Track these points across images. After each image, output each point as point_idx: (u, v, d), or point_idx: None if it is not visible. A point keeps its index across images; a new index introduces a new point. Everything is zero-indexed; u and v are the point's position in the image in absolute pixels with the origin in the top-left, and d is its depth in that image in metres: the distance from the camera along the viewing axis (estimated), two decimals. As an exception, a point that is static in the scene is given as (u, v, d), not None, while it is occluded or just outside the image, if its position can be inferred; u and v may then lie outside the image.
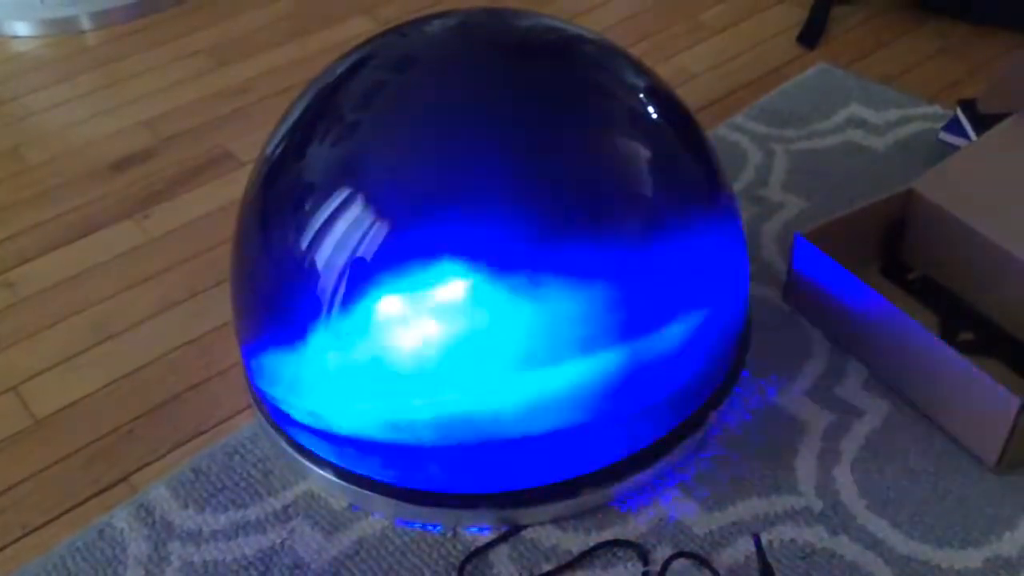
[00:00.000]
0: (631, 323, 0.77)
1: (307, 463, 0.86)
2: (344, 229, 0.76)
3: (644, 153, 0.81)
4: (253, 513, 0.85)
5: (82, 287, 1.11)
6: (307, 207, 0.79)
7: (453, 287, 0.74)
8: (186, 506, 0.85)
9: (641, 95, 0.83)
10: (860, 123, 1.26)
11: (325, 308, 0.77)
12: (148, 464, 0.91)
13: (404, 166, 0.78)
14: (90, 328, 1.05)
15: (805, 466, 0.86)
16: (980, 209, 0.97)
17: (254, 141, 1.31)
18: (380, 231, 0.75)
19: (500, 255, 0.74)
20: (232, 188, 1.24)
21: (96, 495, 0.88)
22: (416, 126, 0.79)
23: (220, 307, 1.06)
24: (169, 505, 0.86)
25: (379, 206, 0.76)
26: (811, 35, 1.45)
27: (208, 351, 1.01)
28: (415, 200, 0.77)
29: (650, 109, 0.82)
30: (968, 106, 1.15)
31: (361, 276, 0.75)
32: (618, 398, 0.78)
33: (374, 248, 0.75)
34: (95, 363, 1.01)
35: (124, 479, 0.89)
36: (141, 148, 1.33)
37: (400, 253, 0.75)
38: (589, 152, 0.79)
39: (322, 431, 0.82)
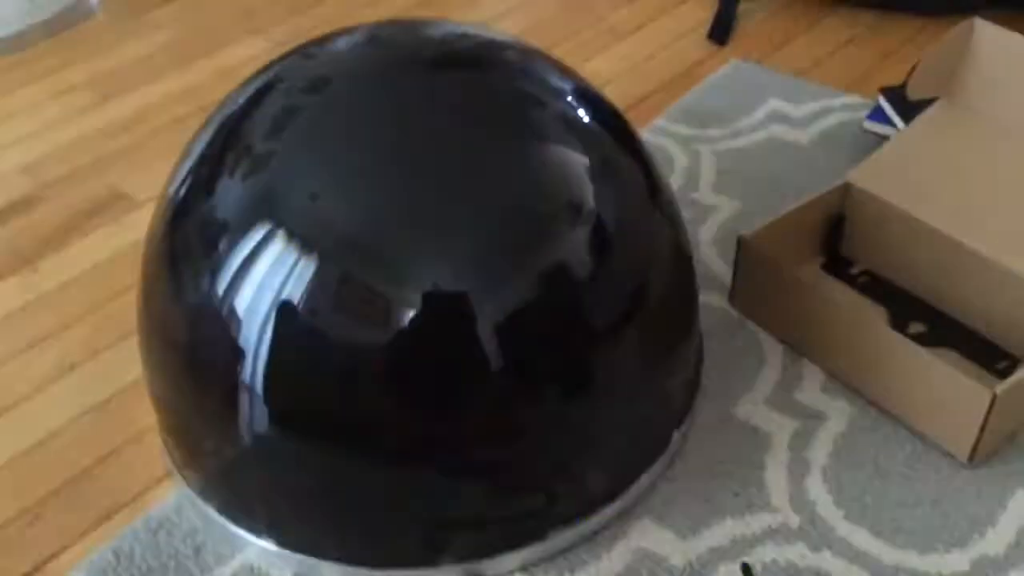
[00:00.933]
0: (594, 342, 0.71)
1: (244, 533, 0.78)
2: (267, 269, 0.69)
3: (586, 165, 0.75)
4: (187, 595, 0.76)
5: (-33, 355, 0.99)
6: (223, 247, 0.71)
7: (394, 322, 0.67)
8: (109, 595, 0.76)
9: (573, 100, 0.78)
10: (781, 118, 1.24)
11: (252, 357, 0.69)
12: (63, 549, 0.81)
13: (333, 197, 0.71)
14: (-20, 401, 0.94)
15: (776, 480, 0.82)
16: (919, 197, 0.95)
17: (149, 178, 1.21)
18: (308, 270, 0.67)
19: (441, 287, 0.68)
20: (130, 231, 1.14)
21: (3, 592, 0.78)
22: (338, 152, 0.72)
23: (126, 365, 0.97)
24: (90, 596, 0.76)
25: (313, 240, 0.68)
26: (721, 31, 1.43)
27: (116, 415, 0.92)
28: (350, 233, 0.70)
29: (585, 115, 0.76)
30: (891, 93, 1.14)
31: (291, 319, 0.68)
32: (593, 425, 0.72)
33: (305, 289, 0.68)
34: (-10, 439, 0.90)
35: (36, 569, 0.79)
36: (20, 196, 1.21)
37: (330, 290, 0.68)
38: (530, 170, 0.73)
39: (260, 497, 0.74)
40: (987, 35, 0.98)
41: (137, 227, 1.14)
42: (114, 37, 1.53)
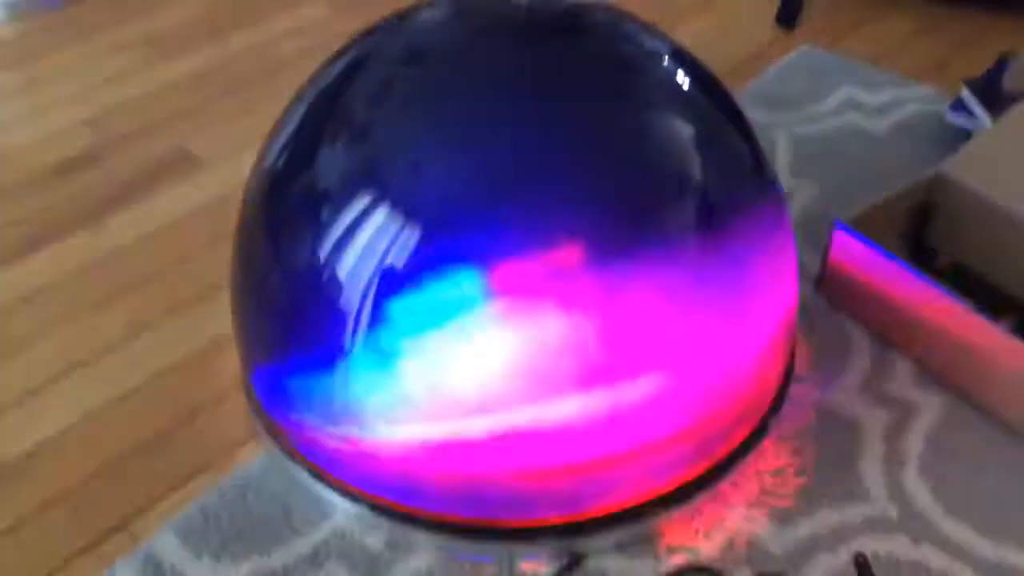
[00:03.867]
0: (703, 330, 0.70)
1: (337, 497, 0.76)
2: (377, 238, 0.68)
3: (698, 146, 0.74)
4: (279, 560, 0.75)
5: (36, 309, 0.98)
6: (329, 216, 0.70)
7: (508, 299, 0.66)
8: (199, 556, 0.75)
9: (682, 73, 0.76)
10: (856, 105, 1.23)
11: (365, 324, 0.68)
12: (146, 510, 0.80)
13: (440, 168, 0.70)
14: (54, 356, 0.93)
15: (871, 470, 0.81)
16: (1013, 191, 0.93)
17: (214, 139, 1.19)
18: (419, 239, 0.66)
19: (559, 263, 0.66)
20: (196, 191, 1.12)
21: (89, 549, 0.77)
22: (446, 124, 0.71)
23: (203, 326, 0.95)
24: (180, 556, 0.75)
25: (414, 212, 0.67)
26: (789, 15, 1.41)
27: (196, 376, 0.91)
28: (455, 206, 0.68)
29: (693, 92, 0.75)
30: (974, 85, 1.13)
31: (403, 287, 0.67)
32: (690, 413, 0.71)
33: (416, 257, 0.66)
34: (65, 396, 0.89)
35: (121, 528, 0.78)
36: (86, 150, 1.19)
37: (443, 262, 0.67)
38: (641, 142, 0.71)
39: (359, 460, 0.73)
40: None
41: (203, 188, 1.12)
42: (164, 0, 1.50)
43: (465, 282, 0.66)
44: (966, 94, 1.13)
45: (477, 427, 0.67)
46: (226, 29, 1.42)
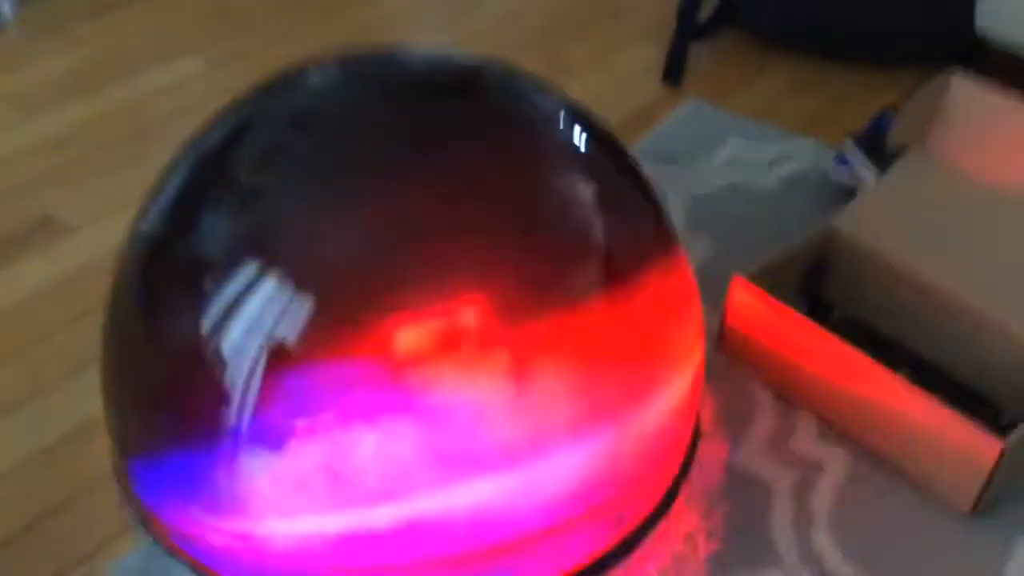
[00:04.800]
0: (614, 400, 0.67)
1: (224, 595, 0.70)
2: (265, 309, 0.63)
3: (598, 203, 0.72)
4: (160, 668, 0.68)
5: None
6: (213, 286, 0.65)
7: (409, 371, 0.62)
8: (69, 670, 0.68)
9: (577, 130, 0.74)
10: (744, 160, 1.24)
11: (252, 403, 0.63)
12: (7, 618, 0.71)
13: (329, 232, 0.66)
14: (-99, 446, 0.84)
15: (783, 534, 0.80)
16: (904, 245, 0.95)
17: (84, 203, 1.12)
18: (312, 304, 0.62)
19: (458, 332, 0.63)
20: (63, 260, 1.05)
21: (-62, 669, 0.68)
22: (335, 187, 0.67)
23: (73, 405, 0.88)
24: (45, 672, 0.67)
25: (305, 280, 0.63)
26: (675, 72, 1.43)
27: (66, 462, 0.83)
28: (349, 269, 0.65)
29: (590, 149, 0.73)
30: (858, 139, 1.15)
31: (294, 362, 0.62)
32: (603, 485, 0.68)
33: (307, 328, 0.62)
34: (-86, 491, 0.80)
35: (-23, 642, 0.70)
36: (-62, 217, 1.10)
37: (337, 333, 0.63)
38: (540, 205, 0.69)
39: (249, 555, 0.67)
40: (963, 88, 1.00)
41: (71, 256, 1.05)
42: (31, 52, 1.42)
43: (362, 354, 0.62)
44: (850, 147, 1.16)
45: (380, 516, 0.62)
46: (97, 84, 1.34)
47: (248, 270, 0.64)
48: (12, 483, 0.81)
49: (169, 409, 0.68)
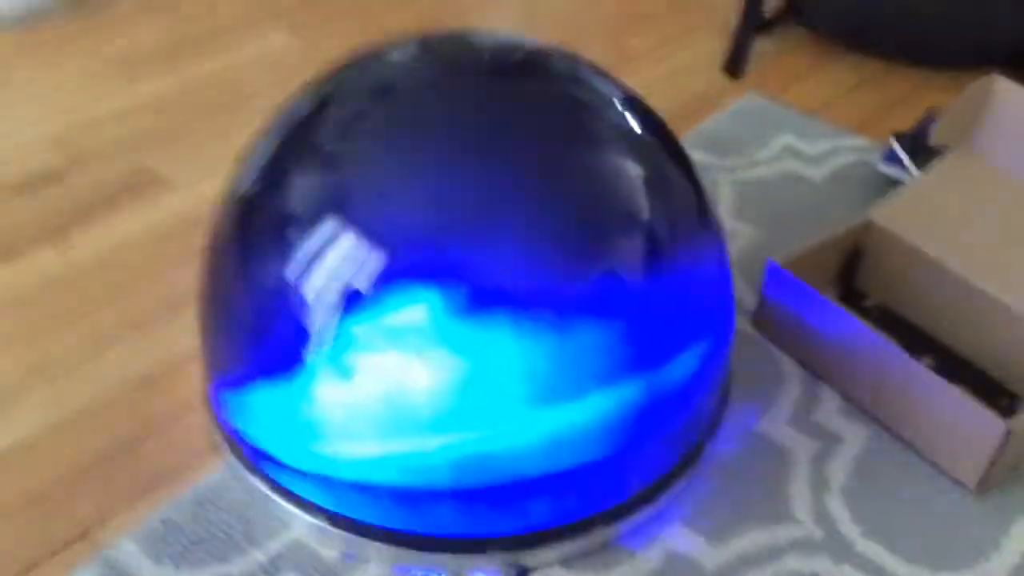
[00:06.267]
0: (645, 355, 0.75)
1: (294, 509, 0.80)
2: (343, 257, 0.72)
3: (646, 177, 0.79)
4: (237, 568, 0.78)
5: (0, 323, 1.00)
6: (296, 239, 0.74)
7: (463, 320, 0.70)
8: (160, 562, 0.78)
9: (631, 116, 0.82)
10: (796, 153, 1.30)
11: (325, 339, 0.72)
12: (108, 518, 0.82)
13: (402, 196, 0.75)
14: (16, 368, 0.95)
15: (799, 494, 0.87)
16: (935, 239, 1.01)
17: (181, 162, 1.23)
18: (384, 259, 0.71)
19: (512, 288, 0.71)
20: (161, 211, 1.16)
21: (49, 557, 0.80)
22: (409, 156, 0.76)
23: (167, 341, 0.98)
24: (140, 562, 0.78)
25: (382, 234, 0.72)
26: (736, 64, 1.49)
27: (159, 390, 0.94)
28: (418, 229, 0.73)
29: (643, 130, 0.81)
30: (903, 138, 1.21)
31: (364, 309, 0.71)
32: (634, 432, 0.76)
33: (377, 279, 0.71)
34: (27, 408, 0.91)
35: (83, 535, 0.81)
36: (50, 167, 1.22)
37: (405, 282, 0.71)
38: (594, 177, 0.77)
39: (316, 474, 0.77)
40: (1006, 91, 1.05)
41: (168, 208, 1.16)
42: (139, 17, 1.54)
43: (422, 304, 0.71)
44: (895, 146, 1.21)
45: (430, 444, 0.71)
46: (194, 53, 1.45)
47: (328, 226, 0.73)
48: (110, 406, 0.91)
49: (255, 344, 0.77)
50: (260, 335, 0.77)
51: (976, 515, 0.86)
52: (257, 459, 0.82)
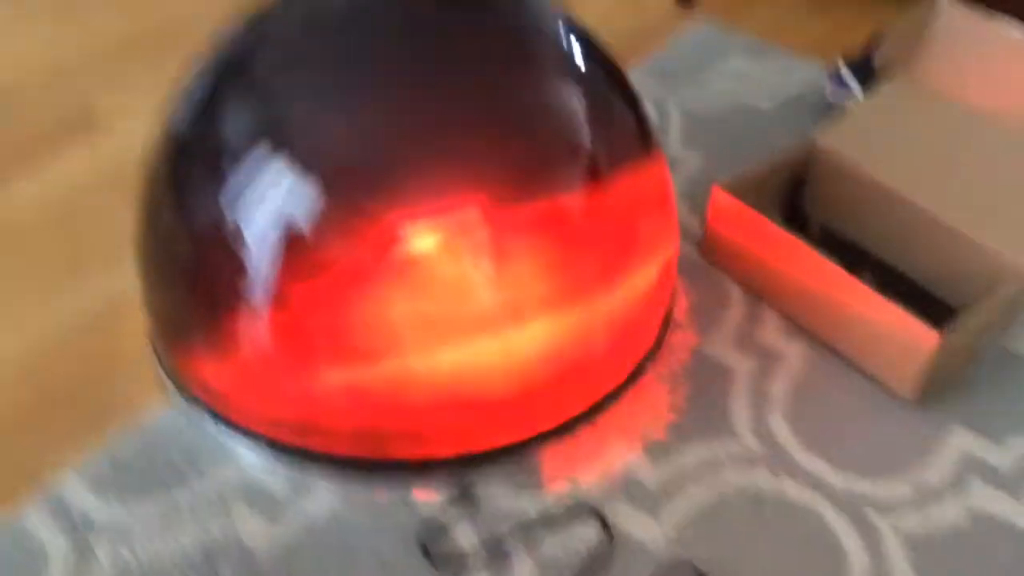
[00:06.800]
0: (588, 278, 0.76)
1: (239, 439, 0.81)
2: (281, 194, 0.71)
3: (586, 109, 0.79)
4: (185, 499, 0.79)
5: (-56, 268, 1.00)
6: (232, 173, 0.74)
7: (405, 247, 0.71)
8: (107, 500, 0.79)
9: (570, 42, 0.81)
10: (745, 79, 1.30)
11: (268, 274, 0.72)
12: (56, 458, 0.83)
13: (337, 127, 0.74)
14: (-38, 313, 0.95)
15: (739, 411, 0.88)
16: (879, 160, 1.02)
17: (119, 101, 1.21)
18: (322, 193, 0.70)
19: (452, 216, 0.72)
20: (102, 152, 1.14)
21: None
22: (344, 86, 0.75)
23: (111, 285, 0.98)
24: (87, 500, 0.79)
25: (319, 168, 0.72)
26: (687, -6, 1.48)
27: (104, 332, 0.94)
28: (358, 161, 0.73)
29: (584, 57, 0.80)
30: (850, 62, 1.21)
31: (305, 239, 0.71)
32: (575, 354, 0.77)
33: (318, 209, 0.71)
34: (-26, 351, 0.91)
35: (32, 477, 0.81)
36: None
37: (343, 214, 0.71)
38: (534, 103, 0.77)
39: (260, 403, 0.77)
40: (950, 13, 1.05)
41: (108, 149, 1.15)
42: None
43: (362, 232, 0.71)
44: (843, 69, 1.21)
45: (376, 372, 0.72)
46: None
47: (263, 158, 0.73)
48: (56, 349, 0.91)
49: (195, 280, 0.77)
50: (200, 271, 0.77)
51: (914, 425, 0.88)
52: (202, 394, 0.82)
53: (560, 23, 0.82)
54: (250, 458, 0.81)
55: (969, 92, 1.04)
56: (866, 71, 1.19)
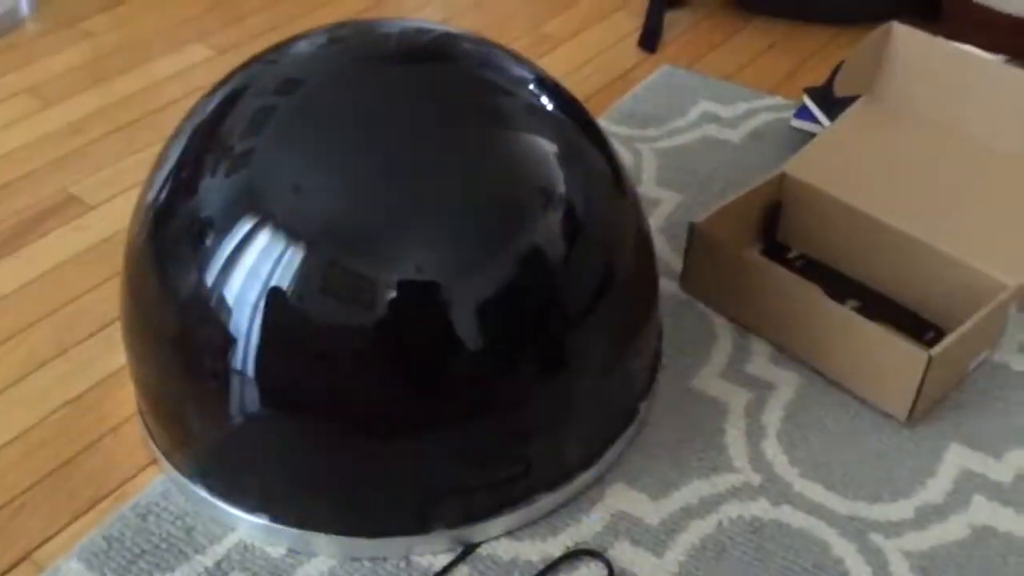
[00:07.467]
0: (567, 326, 0.76)
1: (236, 511, 0.80)
2: (254, 260, 0.72)
3: (555, 151, 0.80)
4: (183, 573, 0.78)
5: (-70, 356, 0.99)
6: (213, 243, 0.74)
7: (378, 306, 0.70)
8: (104, 577, 0.78)
9: (537, 89, 0.82)
10: (713, 118, 1.32)
11: (254, 344, 0.72)
12: (50, 538, 0.82)
13: (313, 190, 0.74)
14: (-52, 399, 0.94)
15: (735, 443, 0.88)
16: (848, 185, 1.03)
17: (99, 182, 1.22)
18: (295, 258, 0.71)
19: (421, 271, 0.72)
20: (84, 233, 1.15)
21: (-7, 582, 0.79)
22: (315, 147, 0.76)
23: (97, 360, 0.98)
24: (84, 579, 0.77)
25: (297, 230, 0.72)
26: (650, 39, 1.50)
27: (93, 408, 0.93)
28: (327, 223, 0.73)
29: (550, 104, 0.81)
30: (814, 93, 1.23)
31: (278, 304, 0.71)
32: (565, 403, 0.77)
33: (292, 276, 0.71)
34: (-38, 437, 0.90)
35: (25, 558, 0.80)
36: (-31, 200, 1.20)
37: (316, 276, 0.71)
38: (502, 157, 0.77)
39: (251, 474, 0.77)
40: (904, 37, 1.07)
41: (91, 230, 1.15)
42: (49, 45, 1.52)
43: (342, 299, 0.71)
44: (807, 101, 1.23)
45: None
46: (111, 73, 1.44)
47: (243, 227, 0.73)
48: (46, 428, 0.90)
49: (180, 351, 0.77)
50: (183, 342, 0.77)
51: (909, 446, 0.88)
52: (195, 466, 0.81)
53: (530, 76, 0.83)
54: (248, 528, 0.80)
55: (930, 109, 1.07)
56: (829, 100, 1.21)
